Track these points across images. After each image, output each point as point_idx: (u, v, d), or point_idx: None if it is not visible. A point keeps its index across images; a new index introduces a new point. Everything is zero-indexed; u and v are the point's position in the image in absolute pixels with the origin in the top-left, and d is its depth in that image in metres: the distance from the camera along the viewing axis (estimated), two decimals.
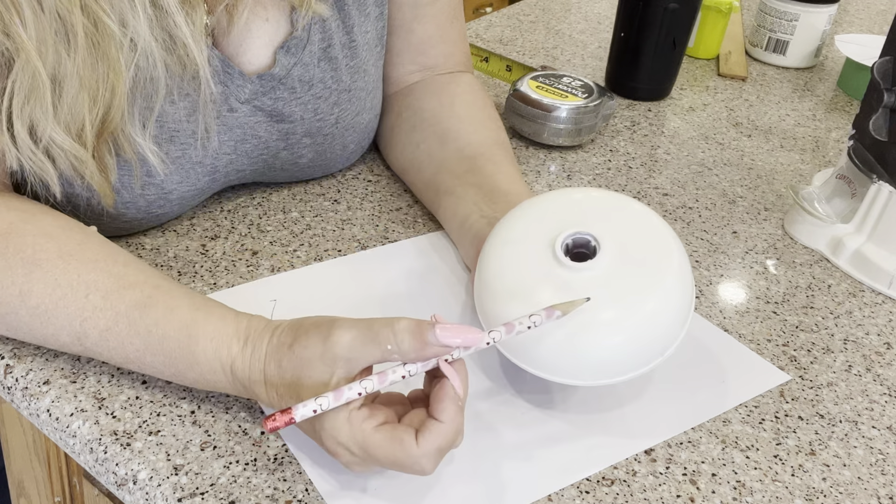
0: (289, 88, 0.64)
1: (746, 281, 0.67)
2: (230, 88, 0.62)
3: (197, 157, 0.62)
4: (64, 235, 0.51)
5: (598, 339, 0.48)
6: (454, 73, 0.75)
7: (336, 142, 0.70)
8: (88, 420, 0.49)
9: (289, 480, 0.47)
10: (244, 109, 0.63)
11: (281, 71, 0.63)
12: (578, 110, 0.81)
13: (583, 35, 1.13)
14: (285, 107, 0.64)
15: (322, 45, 0.65)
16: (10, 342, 0.54)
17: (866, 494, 0.50)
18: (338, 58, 0.66)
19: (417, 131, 0.71)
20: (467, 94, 0.74)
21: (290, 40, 0.63)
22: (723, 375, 0.57)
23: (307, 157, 0.69)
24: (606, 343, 0.48)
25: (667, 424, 0.52)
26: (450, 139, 0.69)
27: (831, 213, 0.71)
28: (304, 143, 0.68)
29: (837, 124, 0.95)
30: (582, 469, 0.49)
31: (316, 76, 0.65)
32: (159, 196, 0.61)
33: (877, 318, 0.65)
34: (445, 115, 0.71)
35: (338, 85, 0.67)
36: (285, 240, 0.66)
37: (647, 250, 0.50)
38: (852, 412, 0.55)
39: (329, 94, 0.66)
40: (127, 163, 0.58)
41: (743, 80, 1.04)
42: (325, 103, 0.66)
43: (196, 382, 0.49)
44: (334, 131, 0.69)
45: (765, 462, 0.51)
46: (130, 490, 0.47)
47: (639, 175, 0.81)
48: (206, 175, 0.64)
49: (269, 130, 0.65)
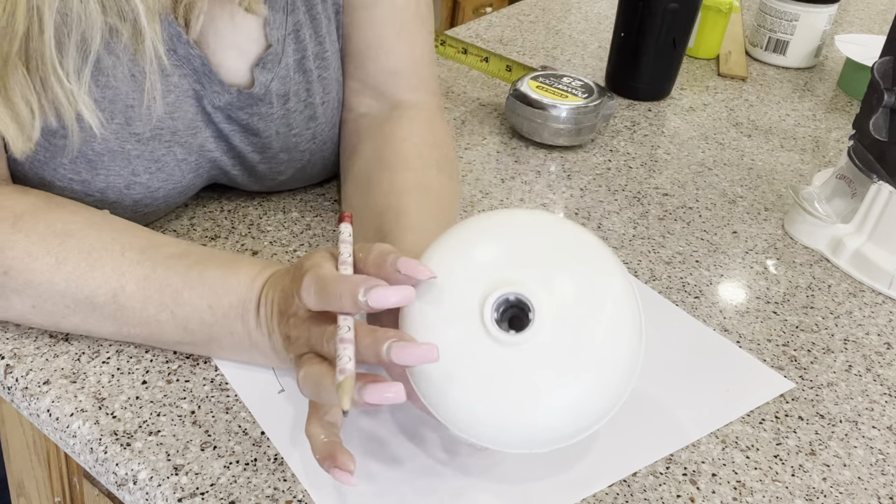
0: (266, 104, 0.63)
1: (746, 281, 0.67)
2: (206, 91, 0.60)
3: (144, 128, 0.59)
4: (87, 212, 0.54)
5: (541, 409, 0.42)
6: (408, 101, 0.68)
7: (315, 157, 0.68)
8: (88, 420, 0.49)
9: (289, 480, 0.47)
10: (218, 115, 0.62)
11: (260, 90, 0.61)
12: (578, 110, 0.81)
13: (583, 35, 1.13)
14: (260, 122, 0.63)
15: (296, 56, 0.63)
16: (11, 342, 0.54)
17: (866, 494, 0.50)
18: (311, 70, 0.64)
19: (349, 179, 0.66)
20: (405, 129, 0.65)
21: (265, 56, 0.61)
22: (727, 384, 0.56)
23: (286, 174, 0.68)
24: (549, 411, 0.43)
25: (673, 437, 0.52)
26: (368, 189, 0.63)
27: (831, 213, 0.71)
28: (281, 160, 0.66)
29: (837, 124, 0.95)
30: (588, 486, 0.48)
31: (291, 89, 0.63)
32: (145, 195, 0.61)
33: (877, 318, 0.65)
34: (371, 162, 0.64)
35: (311, 98, 0.65)
36: (285, 240, 0.66)
37: (586, 295, 0.43)
38: (852, 412, 0.55)
39: (304, 108, 0.64)
40: (60, 123, 0.54)
41: (743, 80, 1.04)
42: (300, 117, 0.64)
43: (228, 314, 0.50)
44: (312, 147, 0.67)
45: (765, 462, 0.51)
46: (130, 490, 0.47)
47: (639, 175, 0.81)
48: (190, 172, 0.63)
49: (242, 142, 0.64)
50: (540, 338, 0.42)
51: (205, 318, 0.51)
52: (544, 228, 0.46)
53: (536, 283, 0.43)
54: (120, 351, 0.54)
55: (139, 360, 0.53)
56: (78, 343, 0.54)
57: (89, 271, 0.51)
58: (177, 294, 0.51)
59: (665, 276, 0.66)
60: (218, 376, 0.53)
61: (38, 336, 0.55)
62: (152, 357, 0.54)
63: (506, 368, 0.42)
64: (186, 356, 0.54)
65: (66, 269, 0.51)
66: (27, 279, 0.51)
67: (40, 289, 0.51)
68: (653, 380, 0.55)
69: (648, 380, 0.55)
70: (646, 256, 0.68)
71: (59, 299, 0.51)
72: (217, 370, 0.53)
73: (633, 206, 0.75)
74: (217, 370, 0.53)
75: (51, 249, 0.51)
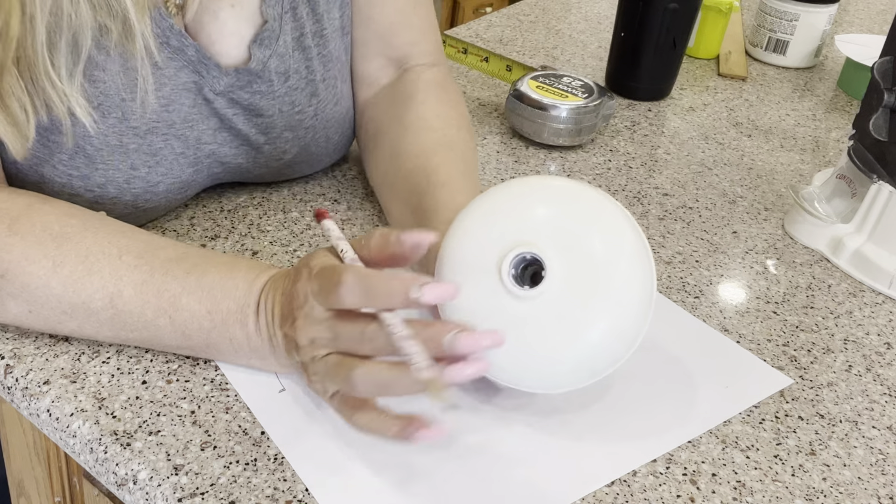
0: (266, 81, 0.63)
1: (746, 281, 0.67)
2: (205, 79, 0.61)
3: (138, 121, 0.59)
4: (84, 213, 0.54)
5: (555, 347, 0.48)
6: (422, 66, 0.72)
7: (318, 134, 0.69)
8: (88, 420, 0.49)
9: (289, 480, 0.47)
10: (220, 101, 0.62)
11: (257, 65, 0.62)
12: (578, 110, 0.81)
13: (583, 35, 1.13)
14: (262, 100, 0.64)
15: (294, 34, 0.64)
16: (11, 342, 0.54)
17: (866, 494, 0.50)
18: (310, 47, 0.65)
19: (377, 151, 0.69)
20: (421, 93, 0.69)
21: (262, 32, 0.62)
22: (726, 381, 0.56)
23: (291, 153, 0.68)
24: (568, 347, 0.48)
25: (670, 434, 0.52)
26: (396, 155, 0.66)
27: (831, 213, 0.71)
28: (286, 138, 0.67)
29: (837, 124, 0.95)
30: (587, 484, 0.48)
31: (291, 67, 0.64)
32: (145, 189, 0.61)
33: (877, 318, 0.65)
34: (394, 129, 0.68)
35: (312, 75, 0.65)
36: (285, 240, 0.66)
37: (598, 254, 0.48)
38: (852, 412, 0.55)
39: (305, 85, 0.65)
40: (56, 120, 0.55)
41: (743, 80, 1.04)
42: (302, 94, 0.65)
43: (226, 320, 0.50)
44: (315, 124, 0.68)
45: (765, 462, 0.51)
46: (130, 490, 0.47)
47: (639, 175, 0.81)
48: (189, 166, 0.63)
49: (246, 125, 0.64)
50: (552, 292, 0.47)
51: (203, 325, 0.51)
52: (559, 193, 0.51)
53: (550, 241, 0.48)
54: (120, 351, 0.54)
55: (139, 360, 0.53)
56: (78, 343, 0.54)
57: (86, 275, 0.50)
58: (175, 299, 0.50)
59: (665, 276, 0.66)
60: (218, 376, 0.53)
61: (38, 336, 0.55)
62: (152, 357, 0.54)
63: (521, 320, 0.48)
64: (186, 356, 0.54)
65: (62, 273, 0.50)
66: (24, 283, 0.50)
67: (37, 293, 0.51)
68: (652, 377, 0.55)
69: (647, 377, 0.55)
70: None
71: (56, 304, 0.51)
72: (217, 370, 0.53)
73: (633, 206, 0.75)
74: (217, 370, 0.53)
75: (47, 253, 0.50)
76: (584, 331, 0.48)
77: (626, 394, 0.54)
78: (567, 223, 0.49)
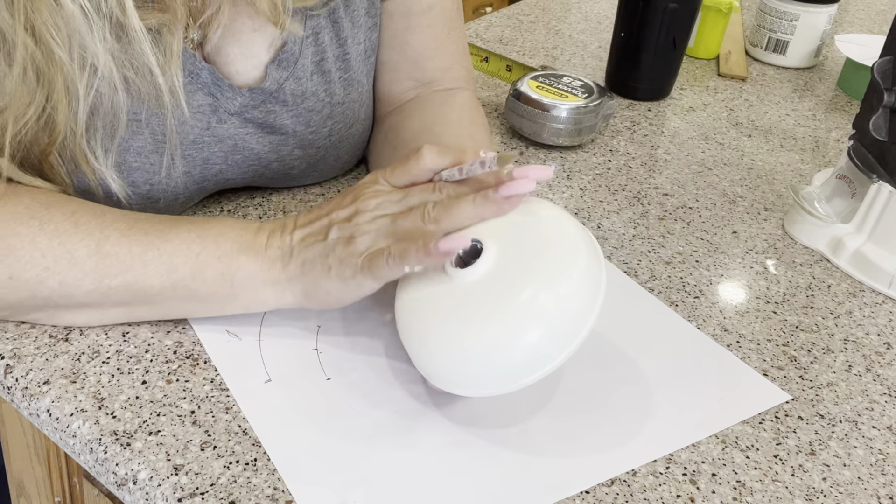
0: (280, 102, 0.63)
1: (746, 281, 0.67)
2: (220, 100, 0.61)
3: (162, 183, 0.61)
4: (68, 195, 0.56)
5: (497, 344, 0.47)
6: (451, 89, 0.72)
7: (329, 154, 0.69)
8: (88, 420, 0.49)
9: None
10: (234, 121, 0.62)
11: (272, 85, 0.62)
12: (578, 110, 0.81)
13: (583, 35, 1.13)
14: (276, 119, 0.63)
15: (315, 58, 0.63)
16: (11, 342, 0.54)
17: (866, 494, 0.50)
18: (331, 70, 0.65)
19: (397, 153, 0.69)
20: (454, 112, 0.69)
21: (281, 54, 0.62)
22: (720, 393, 0.55)
23: (299, 169, 0.69)
24: (509, 345, 0.46)
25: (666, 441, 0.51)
26: None
27: (831, 213, 0.71)
28: (296, 155, 0.67)
29: (837, 124, 0.95)
30: (579, 483, 0.48)
31: (309, 89, 0.64)
32: (144, 207, 0.61)
33: (877, 318, 0.65)
34: (424, 136, 0.68)
35: (331, 98, 0.65)
36: None
37: (534, 241, 0.49)
38: (852, 412, 0.55)
39: (322, 107, 0.65)
40: (89, 188, 0.58)
41: (743, 80, 1.04)
42: (319, 116, 0.65)
43: (218, 240, 0.52)
44: (327, 144, 0.68)
45: (765, 462, 0.51)
46: (130, 490, 0.47)
47: (639, 175, 0.81)
48: (194, 184, 0.63)
49: (259, 142, 0.64)
50: (482, 273, 0.48)
51: (192, 248, 0.52)
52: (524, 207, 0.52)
53: (493, 230, 0.50)
54: (120, 351, 0.54)
55: (139, 360, 0.54)
56: (78, 343, 0.54)
57: (73, 228, 0.52)
58: (163, 233, 0.52)
59: (665, 276, 0.66)
60: (218, 376, 0.53)
61: (38, 336, 0.55)
62: (152, 357, 0.54)
63: (454, 300, 0.48)
64: (186, 356, 0.54)
65: (48, 229, 0.51)
66: (9, 244, 0.51)
67: (20, 253, 0.51)
68: (642, 385, 0.55)
69: (637, 385, 0.55)
70: (646, 256, 0.68)
71: (40, 259, 0.51)
72: (217, 370, 0.53)
73: (633, 206, 0.75)
74: (217, 370, 0.53)
75: (35, 214, 0.52)
76: (515, 322, 0.46)
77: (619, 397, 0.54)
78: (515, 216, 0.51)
